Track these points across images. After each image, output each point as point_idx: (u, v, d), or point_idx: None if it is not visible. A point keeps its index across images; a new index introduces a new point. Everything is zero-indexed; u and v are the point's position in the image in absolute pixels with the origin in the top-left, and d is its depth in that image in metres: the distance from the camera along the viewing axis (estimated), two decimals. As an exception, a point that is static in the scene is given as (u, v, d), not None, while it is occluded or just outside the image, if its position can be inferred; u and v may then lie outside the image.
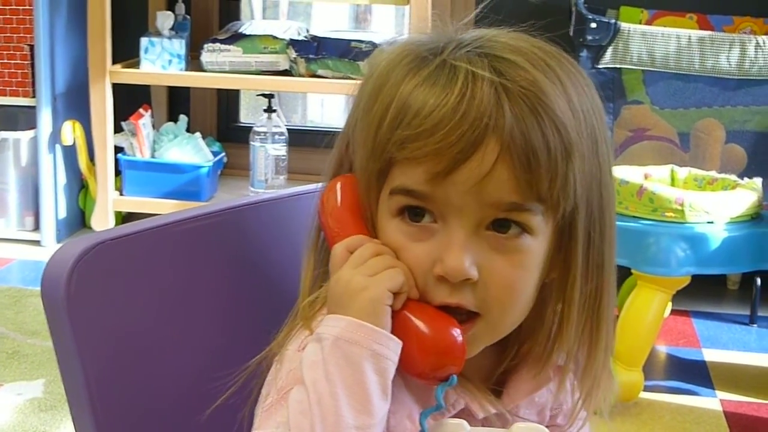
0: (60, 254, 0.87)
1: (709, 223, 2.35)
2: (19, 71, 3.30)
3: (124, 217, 3.40)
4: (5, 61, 3.30)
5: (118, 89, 3.21)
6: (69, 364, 0.87)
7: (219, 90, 3.63)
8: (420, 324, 0.79)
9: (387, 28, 4.00)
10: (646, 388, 2.41)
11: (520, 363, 0.88)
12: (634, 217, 2.38)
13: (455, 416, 0.84)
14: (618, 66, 2.99)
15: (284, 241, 1.03)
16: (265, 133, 3.31)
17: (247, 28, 3.35)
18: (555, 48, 0.83)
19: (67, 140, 3.29)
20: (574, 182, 0.79)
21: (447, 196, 0.78)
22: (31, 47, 3.27)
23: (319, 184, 0.89)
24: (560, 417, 0.93)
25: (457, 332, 0.79)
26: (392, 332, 0.79)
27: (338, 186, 0.86)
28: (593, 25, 2.95)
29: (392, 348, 0.78)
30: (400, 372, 0.80)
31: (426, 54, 0.81)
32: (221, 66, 3.20)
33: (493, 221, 0.79)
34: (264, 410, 0.82)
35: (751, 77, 2.96)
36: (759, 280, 2.91)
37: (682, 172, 2.61)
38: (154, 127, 3.37)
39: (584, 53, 2.98)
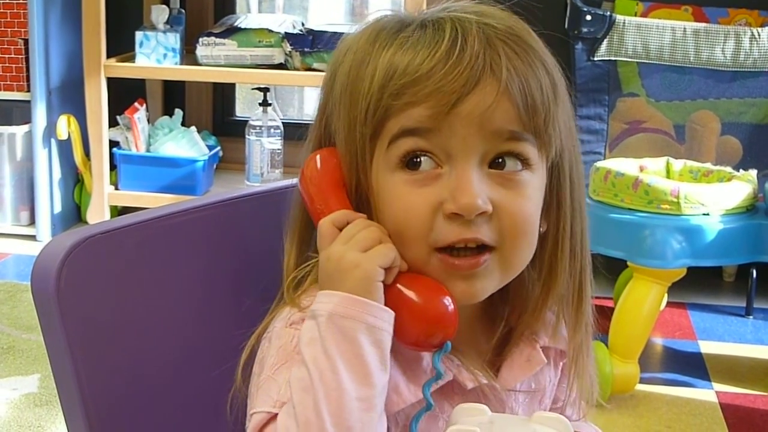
0: (50, 249, 0.87)
1: (704, 215, 2.34)
2: (14, 65, 3.29)
3: (119, 212, 3.39)
4: (-1, 55, 3.30)
5: (113, 83, 3.21)
6: (59, 359, 0.87)
7: (214, 84, 3.62)
8: (411, 294, 0.81)
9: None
10: (642, 381, 2.42)
11: (514, 341, 0.90)
12: (629, 209, 2.38)
13: (443, 388, 0.85)
14: (613, 58, 2.98)
15: (276, 234, 1.03)
16: (260, 126, 3.31)
17: (242, 21, 3.35)
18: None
19: (62, 134, 3.28)
20: (559, 122, 0.84)
21: (452, 127, 0.80)
22: (26, 41, 3.27)
23: None
24: (567, 408, 0.94)
25: (447, 300, 0.81)
26: (385, 305, 0.80)
27: (318, 159, 0.87)
28: (588, 17, 2.95)
29: (386, 319, 0.79)
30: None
31: (399, 24, 0.84)
32: (216, 60, 3.20)
33: (494, 158, 0.81)
34: (259, 387, 0.82)
35: (747, 69, 2.96)
36: (755, 272, 2.90)
37: (678, 165, 2.61)
38: (149, 121, 3.37)
39: (579, 46, 2.97)
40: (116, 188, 3.30)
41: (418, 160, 0.81)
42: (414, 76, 0.79)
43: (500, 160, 0.81)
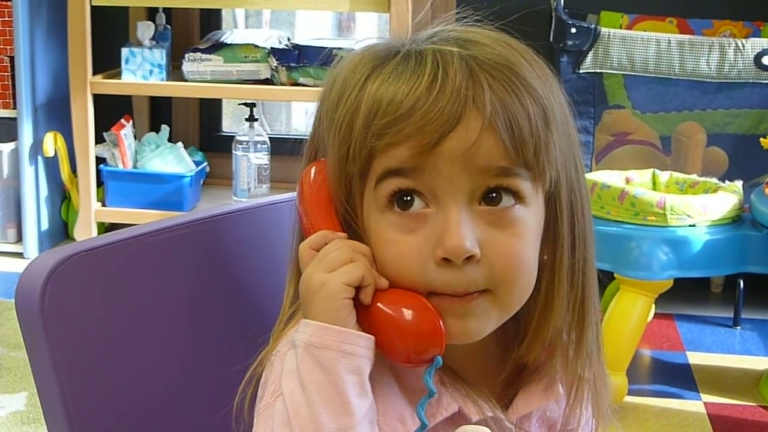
0: (34, 266, 0.87)
1: (690, 226, 2.35)
2: (0, 83, 3.29)
3: (106, 228, 3.38)
4: (-15, 72, 3.29)
5: (100, 100, 3.20)
6: (44, 377, 0.86)
7: (201, 99, 3.62)
8: (393, 311, 0.78)
9: (370, 35, 3.99)
10: (631, 392, 2.42)
11: (528, 373, 0.88)
12: (616, 221, 2.39)
13: (447, 420, 0.83)
14: (599, 71, 2.99)
15: (261, 250, 1.03)
16: (247, 142, 3.31)
17: (228, 37, 3.35)
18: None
19: (49, 151, 3.28)
20: (555, 150, 0.80)
21: (436, 166, 0.77)
22: (11, 58, 3.26)
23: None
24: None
25: (431, 313, 0.78)
26: (368, 325, 0.78)
27: (301, 181, 0.85)
28: (573, 30, 2.96)
29: (363, 344, 0.78)
30: (391, 373, 0.81)
31: (385, 54, 0.81)
32: (202, 75, 3.20)
33: (484, 194, 0.78)
34: (259, 413, 0.82)
35: (731, 80, 2.97)
36: (742, 283, 2.91)
37: (664, 176, 2.62)
38: (136, 137, 3.37)
39: (565, 58, 2.98)
40: (103, 205, 3.29)
41: (408, 198, 0.78)
42: (395, 115, 0.77)
43: (494, 194, 0.78)
